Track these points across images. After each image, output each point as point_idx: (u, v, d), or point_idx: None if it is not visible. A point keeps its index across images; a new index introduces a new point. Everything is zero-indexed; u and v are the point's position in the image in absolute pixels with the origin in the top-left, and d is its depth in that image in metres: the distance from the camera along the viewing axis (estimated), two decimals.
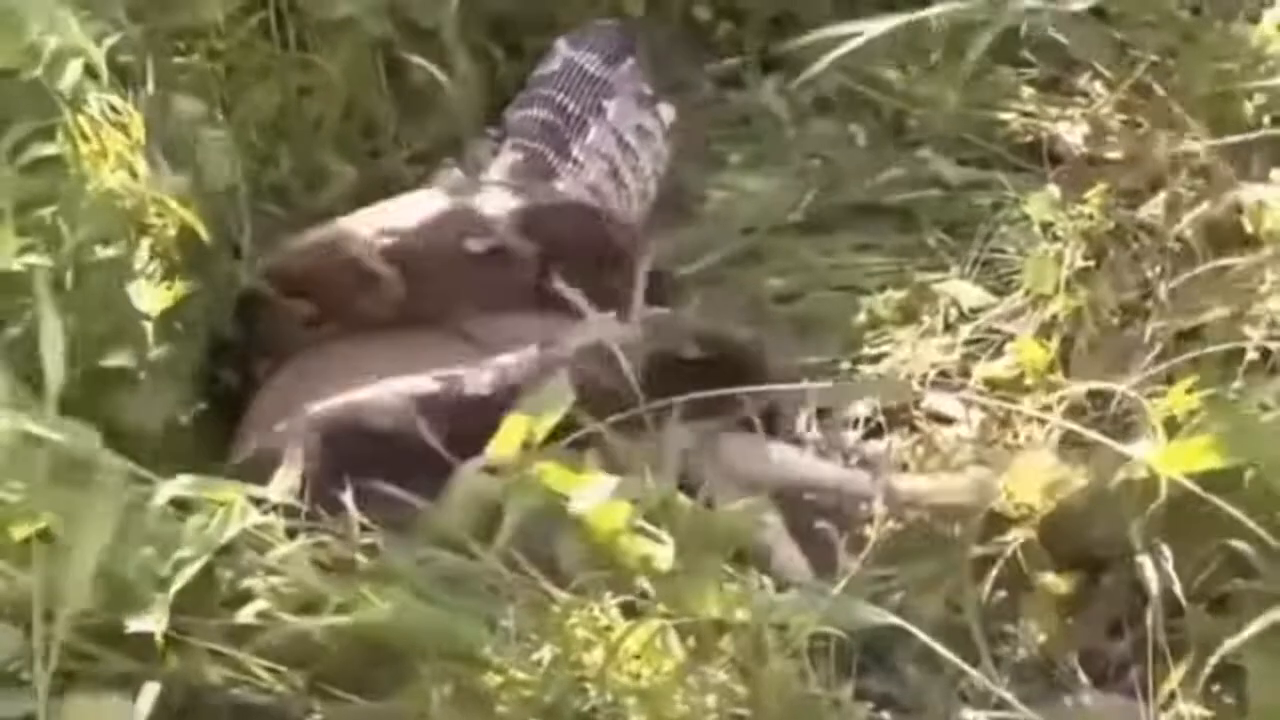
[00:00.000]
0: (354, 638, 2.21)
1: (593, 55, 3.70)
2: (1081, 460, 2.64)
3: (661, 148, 3.70)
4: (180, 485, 2.24)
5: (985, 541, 2.58)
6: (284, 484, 2.38)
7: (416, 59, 3.57)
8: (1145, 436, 2.51)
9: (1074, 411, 2.79)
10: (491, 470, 2.44)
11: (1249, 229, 3.09)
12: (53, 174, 2.79)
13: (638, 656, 2.27)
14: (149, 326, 2.72)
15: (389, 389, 2.64)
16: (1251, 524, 2.34)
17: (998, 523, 2.61)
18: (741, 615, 2.27)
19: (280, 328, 2.94)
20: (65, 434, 2.19)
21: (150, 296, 2.75)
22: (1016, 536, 2.57)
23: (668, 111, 3.74)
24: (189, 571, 2.15)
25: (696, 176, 3.77)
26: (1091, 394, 2.80)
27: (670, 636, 2.28)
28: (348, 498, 2.40)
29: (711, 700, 2.26)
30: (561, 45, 3.74)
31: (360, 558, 2.32)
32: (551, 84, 3.64)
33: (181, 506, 2.26)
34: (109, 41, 2.95)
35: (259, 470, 2.44)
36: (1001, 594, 2.57)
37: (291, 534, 2.31)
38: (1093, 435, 2.56)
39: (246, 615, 2.21)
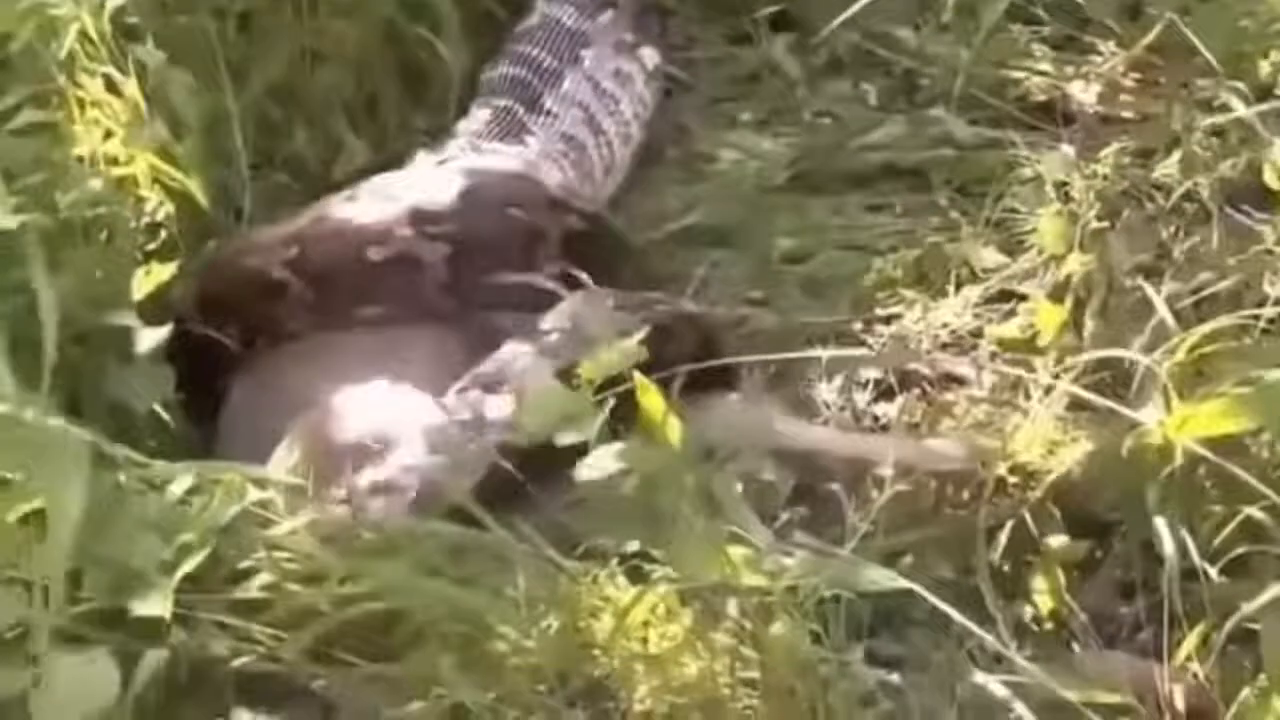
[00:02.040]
0: (360, 607, 2.20)
1: (570, 8, 3.68)
2: (1093, 426, 2.63)
3: (643, 90, 3.66)
4: (186, 473, 2.24)
5: (992, 506, 2.57)
6: (284, 463, 2.37)
7: (419, 31, 3.56)
8: (1157, 401, 2.49)
9: (1087, 374, 2.77)
10: None
11: (1273, 185, 3.06)
12: (46, 140, 2.78)
13: (646, 623, 2.26)
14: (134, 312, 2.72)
15: None
16: (1265, 489, 2.33)
17: (1003, 488, 2.60)
18: (750, 579, 2.25)
19: (219, 356, 2.91)
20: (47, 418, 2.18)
21: (139, 278, 2.75)
22: (1024, 498, 2.56)
23: (650, 55, 3.71)
24: (195, 559, 2.15)
25: (706, 135, 3.75)
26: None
27: (676, 603, 2.27)
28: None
29: (721, 664, 2.25)
30: (540, 2, 3.72)
31: (364, 531, 2.31)
32: (527, 40, 3.62)
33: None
34: (114, 3, 2.94)
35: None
36: (1012, 558, 2.55)
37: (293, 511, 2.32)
38: (1103, 402, 2.54)
39: (251, 589, 2.20)
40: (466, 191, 2.94)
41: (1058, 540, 2.56)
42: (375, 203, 2.94)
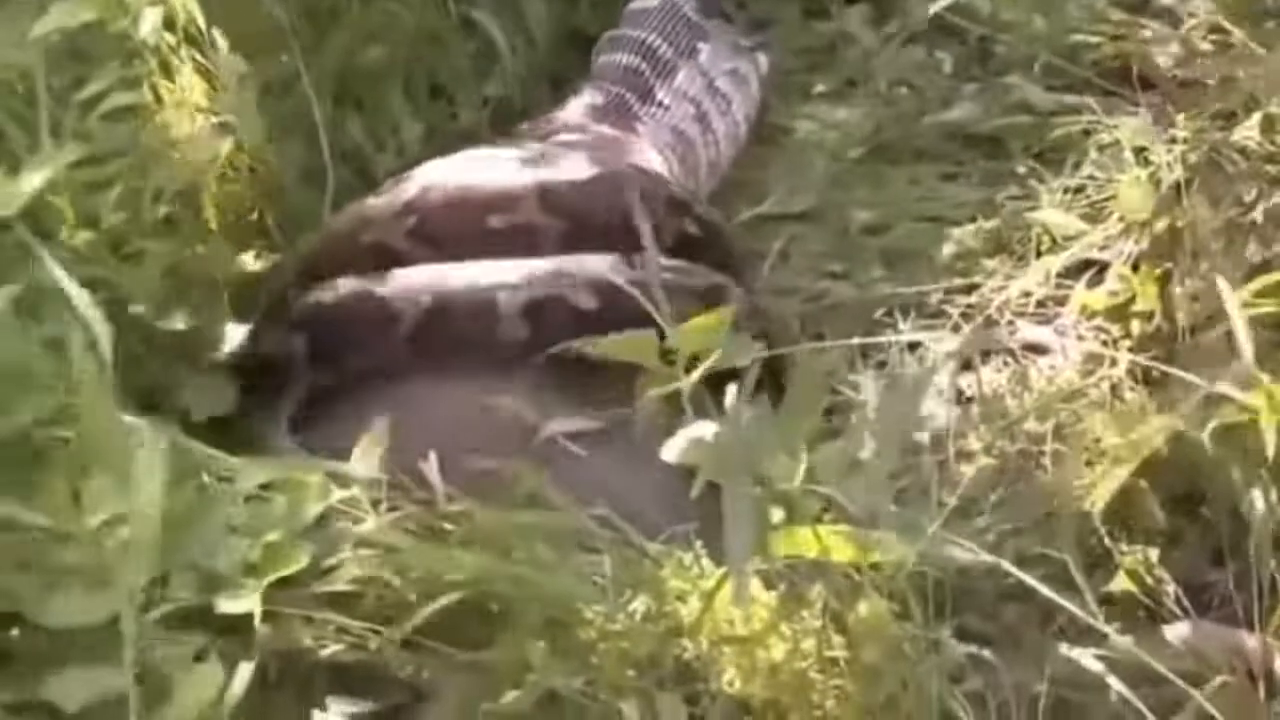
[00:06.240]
0: (447, 597, 2.21)
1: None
2: (1177, 397, 2.61)
3: (755, 93, 3.66)
4: (268, 470, 2.25)
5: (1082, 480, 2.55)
6: (365, 459, 2.37)
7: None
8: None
9: (1169, 340, 2.75)
10: None
11: None
12: (132, 124, 2.79)
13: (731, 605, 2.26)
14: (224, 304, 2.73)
15: None
16: None
17: (1093, 463, 2.58)
18: (837, 557, 2.24)
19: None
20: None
21: (234, 268, 2.77)
22: (1116, 477, 2.54)
23: (764, 61, 3.72)
24: (291, 565, 2.15)
25: (782, 107, 3.74)
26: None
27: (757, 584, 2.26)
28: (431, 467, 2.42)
29: (808, 645, 2.25)
30: None
31: (448, 524, 2.31)
32: (645, 24, 3.61)
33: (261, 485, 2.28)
34: None
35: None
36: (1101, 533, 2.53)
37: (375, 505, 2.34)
38: (1188, 377, 2.50)
39: (338, 583, 2.21)
40: (593, 175, 2.94)
41: (1151, 516, 2.54)
42: (493, 171, 2.94)
